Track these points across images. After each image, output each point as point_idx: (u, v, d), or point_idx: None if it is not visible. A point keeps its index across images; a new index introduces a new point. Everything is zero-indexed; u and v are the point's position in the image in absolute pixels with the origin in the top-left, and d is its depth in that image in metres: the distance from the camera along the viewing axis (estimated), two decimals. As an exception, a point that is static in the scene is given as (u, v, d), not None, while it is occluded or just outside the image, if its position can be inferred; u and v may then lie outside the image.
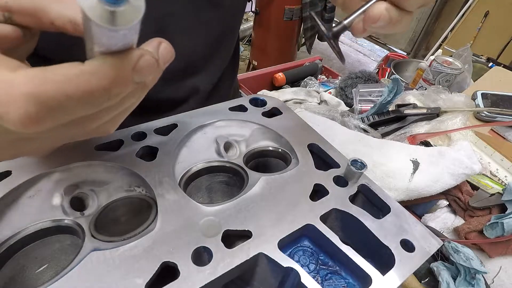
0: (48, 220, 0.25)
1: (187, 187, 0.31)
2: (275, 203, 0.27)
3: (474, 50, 1.18)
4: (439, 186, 0.50)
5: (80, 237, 0.24)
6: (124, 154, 0.29)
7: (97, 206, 0.27)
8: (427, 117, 0.70)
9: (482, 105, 0.76)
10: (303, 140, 0.34)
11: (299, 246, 0.27)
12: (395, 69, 1.29)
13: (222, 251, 0.23)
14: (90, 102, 0.17)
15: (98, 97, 0.17)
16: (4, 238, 0.24)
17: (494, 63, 1.41)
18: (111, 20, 0.15)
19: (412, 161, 0.52)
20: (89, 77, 0.16)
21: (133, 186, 0.28)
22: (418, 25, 2.77)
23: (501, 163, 0.61)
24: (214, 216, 0.25)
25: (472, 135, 0.65)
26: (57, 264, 0.26)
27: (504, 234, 0.45)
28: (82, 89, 0.16)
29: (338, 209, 0.27)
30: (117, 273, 0.21)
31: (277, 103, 0.39)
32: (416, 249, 0.25)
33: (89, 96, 0.16)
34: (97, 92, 0.16)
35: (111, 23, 0.15)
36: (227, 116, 0.35)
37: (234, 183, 0.33)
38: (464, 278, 0.42)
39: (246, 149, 0.34)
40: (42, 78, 0.15)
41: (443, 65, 0.93)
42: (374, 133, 0.67)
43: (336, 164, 0.32)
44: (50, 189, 0.26)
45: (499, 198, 0.50)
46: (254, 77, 1.29)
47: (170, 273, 0.21)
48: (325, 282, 0.25)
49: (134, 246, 0.22)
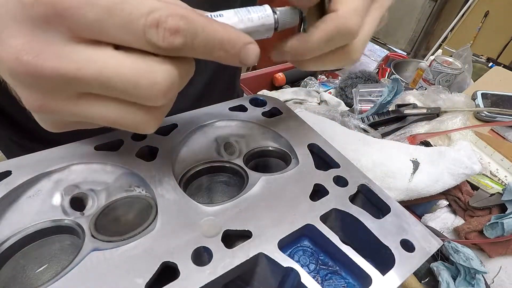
0: (48, 220, 0.25)
1: (187, 187, 0.31)
2: (275, 203, 0.27)
3: (474, 50, 1.18)
4: (439, 186, 0.50)
5: (80, 237, 0.24)
6: (124, 154, 0.29)
7: (97, 206, 0.27)
8: (427, 117, 0.70)
9: (482, 105, 0.76)
10: (303, 140, 0.34)
11: (299, 246, 0.27)
12: (395, 69, 1.29)
13: (222, 251, 0.23)
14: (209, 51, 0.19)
15: (217, 49, 0.19)
16: (4, 238, 0.24)
17: (494, 63, 1.41)
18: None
19: (412, 161, 0.52)
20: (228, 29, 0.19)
21: (133, 186, 0.28)
22: (418, 25, 2.77)
23: (501, 163, 0.61)
24: (214, 216, 0.25)
25: (472, 135, 0.65)
26: (57, 264, 0.26)
27: (504, 234, 0.45)
28: (219, 36, 0.19)
29: (338, 209, 0.27)
30: (117, 273, 0.21)
31: (277, 103, 0.39)
32: (416, 249, 0.25)
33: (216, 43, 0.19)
34: (223, 44, 0.19)
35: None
36: (227, 116, 0.35)
37: (234, 183, 0.33)
38: (464, 278, 0.42)
39: (246, 149, 0.34)
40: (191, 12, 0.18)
41: (443, 65, 0.93)
42: (374, 133, 0.67)
43: (336, 164, 0.32)
44: (50, 189, 0.26)
45: (499, 198, 0.50)
46: (254, 77, 1.29)
47: (170, 273, 0.21)
48: (325, 282, 0.25)
49: (134, 246, 0.22)
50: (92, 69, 0.17)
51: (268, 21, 0.23)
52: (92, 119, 0.20)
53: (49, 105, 0.19)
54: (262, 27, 0.23)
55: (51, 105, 0.19)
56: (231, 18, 0.22)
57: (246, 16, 0.22)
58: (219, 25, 0.19)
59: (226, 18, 0.21)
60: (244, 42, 0.20)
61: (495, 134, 0.70)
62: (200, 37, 0.18)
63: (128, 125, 0.21)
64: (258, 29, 0.23)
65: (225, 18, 0.21)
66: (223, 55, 0.20)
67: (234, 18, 0.22)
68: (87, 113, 0.20)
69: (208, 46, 0.19)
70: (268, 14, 0.23)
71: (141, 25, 0.17)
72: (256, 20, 0.22)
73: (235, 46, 0.19)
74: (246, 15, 0.22)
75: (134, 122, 0.20)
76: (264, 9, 0.23)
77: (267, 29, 0.23)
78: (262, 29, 0.23)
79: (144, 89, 0.18)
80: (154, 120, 0.21)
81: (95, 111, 0.20)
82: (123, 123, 0.20)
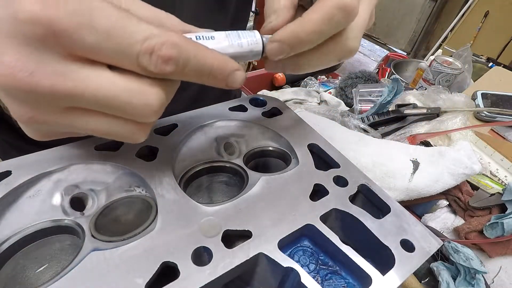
0: (48, 220, 0.25)
1: (187, 187, 0.31)
2: (275, 203, 0.27)
3: (474, 50, 1.18)
4: (439, 186, 0.50)
5: (80, 237, 0.24)
6: (124, 154, 0.29)
7: (97, 206, 0.27)
8: (427, 117, 0.70)
9: (482, 105, 0.76)
10: (303, 140, 0.34)
11: (299, 246, 0.27)
12: (395, 69, 1.29)
13: (222, 251, 0.23)
14: (199, 74, 0.20)
15: (204, 74, 0.20)
16: (4, 238, 0.24)
17: (494, 63, 1.41)
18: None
19: (412, 161, 0.52)
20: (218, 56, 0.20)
21: (133, 186, 0.28)
22: (418, 25, 2.77)
23: (501, 163, 0.61)
24: (214, 216, 0.25)
25: (472, 135, 0.65)
26: (57, 264, 0.26)
27: (504, 234, 0.45)
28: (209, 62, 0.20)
29: (338, 209, 0.27)
30: (117, 273, 0.21)
31: (277, 103, 0.39)
32: (416, 249, 0.25)
33: (204, 69, 0.20)
34: (211, 70, 0.20)
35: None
36: (227, 116, 0.35)
37: (234, 183, 0.33)
38: (464, 278, 0.42)
39: (246, 149, 0.34)
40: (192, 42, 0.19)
41: (443, 65, 0.93)
42: (374, 133, 0.67)
43: (336, 164, 0.32)
44: (50, 189, 0.26)
45: (499, 198, 0.50)
46: (254, 77, 1.29)
47: (170, 273, 0.21)
48: (325, 282, 0.25)
49: (134, 246, 0.22)
50: (87, 88, 0.18)
51: (257, 47, 0.24)
52: (83, 130, 0.21)
53: (39, 118, 0.19)
54: (250, 52, 0.24)
55: (41, 118, 0.19)
56: (221, 42, 0.22)
57: (236, 41, 0.23)
58: (209, 52, 0.20)
59: (217, 41, 0.22)
60: (231, 68, 0.21)
61: (495, 134, 0.70)
62: (191, 64, 0.19)
63: (118, 136, 0.21)
64: (246, 55, 0.24)
65: (215, 41, 0.22)
66: (212, 81, 0.21)
67: (224, 42, 0.22)
68: (78, 125, 0.20)
69: (198, 72, 0.20)
70: (257, 41, 0.24)
71: (136, 51, 0.17)
72: (245, 46, 0.23)
73: (223, 73, 0.21)
74: (236, 40, 0.23)
75: (125, 134, 0.21)
76: (254, 35, 0.24)
77: (255, 55, 0.24)
78: (250, 54, 0.24)
79: (137, 109, 0.19)
80: (144, 131, 0.22)
81: (86, 124, 0.20)
82: (114, 134, 0.21)
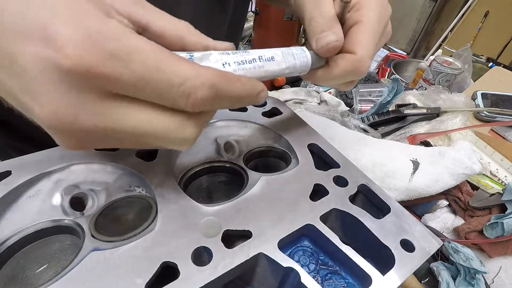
0: (48, 220, 0.25)
1: (187, 187, 0.31)
2: (275, 203, 0.27)
3: (474, 50, 1.18)
4: (439, 186, 0.50)
5: (80, 237, 0.24)
6: (124, 154, 0.29)
7: (97, 206, 0.27)
8: (427, 117, 0.70)
9: (482, 105, 0.76)
10: (303, 140, 0.34)
11: (299, 246, 0.27)
12: (395, 69, 1.29)
13: (222, 251, 0.23)
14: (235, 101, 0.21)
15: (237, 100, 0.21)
16: (4, 238, 0.24)
17: (494, 63, 1.42)
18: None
19: (412, 161, 0.52)
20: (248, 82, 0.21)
21: (133, 186, 0.28)
22: (418, 25, 2.77)
23: (501, 163, 0.61)
24: (214, 216, 0.25)
25: (472, 135, 0.65)
26: (57, 264, 0.26)
27: (504, 234, 0.45)
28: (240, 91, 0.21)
29: (338, 209, 0.27)
30: (117, 273, 0.21)
31: (277, 103, 0.39)
32: (416, 249, 0.25)
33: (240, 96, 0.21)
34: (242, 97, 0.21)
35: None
36: (227, 116, 0.35)
37: (234, 183, 0.33)
38: (464, 278, 0.42)
39: (246, 149, 0.34)
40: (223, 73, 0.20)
41: (443, 65, 0.93)
42: (374, 133, 0.67)
43: (336, 164, 0.32)
44: (50, 189, 0.26)
45: (499, 198, 0.50)
46: (254, 77, 1.29)
47: (170, 273, 0.21)
48: (325, 282, 0.25)
49: (134, 246, 0.22)
50: (127, 125, 0.18)
51: (306, 69, 0.28)
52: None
53: (83, 146, 0.20)
54: (298, 72, 0.28)
55: (85, 146, 0.20)
56: (280, 64, 0.25)
57: (291, 62, 0.26)
58: (239, 84, 0.21)
59: (277, 63, 0.25)
60: (257, 91, 0.22)
61: (495, 134, 0.70)
62: (224, 99, 0.20)
63: None
64: (295, 72, 0.27)
65: (275, 63, 0.25)
66: (240, 105, 0.23)
67: (282, 64, 0.25)
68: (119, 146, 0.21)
69: (230, 103, 0.21)
70: (307, 62, 0.27)
71: (173, 95, 0.18)
72: (298, 67, 0.27)
73: (251, 98, 0.22)
74: (291, 60, 0.26)
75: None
76: (305, 56, 0.27)
77: (300, 72, 0.28)
78: (296, 72, 0.28)
79: (175, 143, 0.20)
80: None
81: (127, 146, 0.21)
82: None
